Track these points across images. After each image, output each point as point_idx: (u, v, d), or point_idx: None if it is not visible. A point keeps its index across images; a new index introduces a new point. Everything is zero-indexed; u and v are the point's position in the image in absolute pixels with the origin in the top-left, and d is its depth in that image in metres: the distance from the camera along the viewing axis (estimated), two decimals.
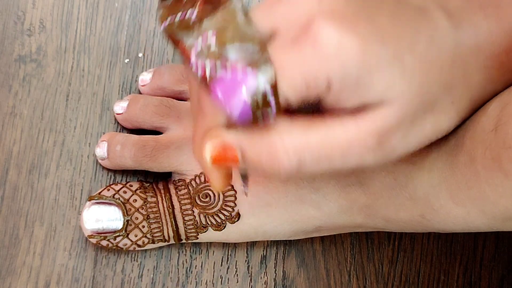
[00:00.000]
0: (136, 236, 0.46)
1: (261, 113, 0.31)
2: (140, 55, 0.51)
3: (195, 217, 0.45)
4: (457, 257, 0.51)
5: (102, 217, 0.45)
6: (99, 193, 0.46)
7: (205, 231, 0.46)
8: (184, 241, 0.47)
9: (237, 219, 0.45)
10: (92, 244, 0.48)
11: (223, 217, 0.45)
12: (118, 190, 0.46)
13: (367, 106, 0.33)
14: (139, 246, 0.46)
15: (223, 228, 0.45)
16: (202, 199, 0.45)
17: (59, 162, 0.49)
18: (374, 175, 0.42)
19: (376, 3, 0.33)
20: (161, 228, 0.46)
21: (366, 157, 0.33)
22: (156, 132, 0.48)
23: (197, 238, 0.46)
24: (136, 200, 0.46)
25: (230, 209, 0.45)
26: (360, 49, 0.31)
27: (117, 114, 0.48)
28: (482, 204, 0.36)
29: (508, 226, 0.36)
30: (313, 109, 0.34)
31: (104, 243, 0.46)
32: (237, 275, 0.49)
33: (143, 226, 0.45)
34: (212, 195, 0.45)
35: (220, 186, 0.36)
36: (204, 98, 0.33)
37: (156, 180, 0.48)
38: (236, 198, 0.45)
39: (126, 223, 0.45)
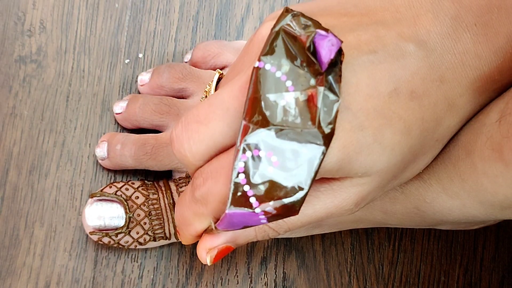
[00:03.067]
0: (137, 233, 0.46)
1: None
2: (140, 55, 0.51)
3: None
4: (457, 258, 0.51)
5: (104, 214, 0.45)
6: (101, 190, 0.46)
7: None
8: None
9: None
10: (92, 245, 0.48)
11: None
12: (120, 187, 0.46)
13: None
14: (140, 243, 0.46)
15: None
16: None
17: (59, 162, 0.49)
18: None
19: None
20: (163, 224, 0.46)
21: (343, 215, 0.35)
22: (156, 131, 0.48)
23: None
24: (138, 197, 0.46)
25: None
26: (339, 147, 0.32)
27: (117, 114, 0.49)
28: (478, 195, 0.36)
29: (507, 214, 0.36)
30: None
31: (105, 240, 0.46)
32: (237, 276, 0.49)
33: (145, 223, 0.45)
34: None
35: (189, 242, 0.37)
36: (193, 204, 0.34)
37: (157, 179, 0.48)
38: None
39: (128, 220, 0.45)
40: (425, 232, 0.51)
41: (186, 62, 0.50)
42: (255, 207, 0.30)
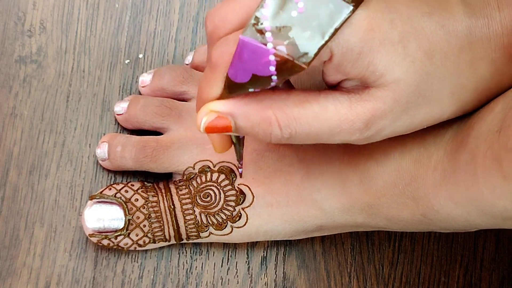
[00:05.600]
0: (137, 235, 0.46)
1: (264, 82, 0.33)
2: (141, 56, 0.51)
3: (196, 216, 0.45)
4: (457, 259, 0.51)
5: (103, 216, 0.45)
6: (101, 192, 0.46)
7: (206, 231, 0.46)
8: (185, 240, 0.47)
9: (238, 218, 0.45)
10: (92, 245, 0.48)
11: (224, 217, 0.45)
12: (120, 189, 0.46)
13: (362, 86, 0.34)
14: (140, 245, 0.46)
15: (224, 228, 0.45)
16: (203, 199, 0.45)
17: (60, 163, 0.49)
18: (377, 174, 0.42)
19: None
20: (162, 227, 0.46)
21: (352, 136, 0.35)
22: (156, 133, 0.48)
23: (198, 238, 0.46)
24: (137, 200, 0.46)
25: (231, 208, 0.45)
26: (367, 27, 0.32)
27: (118, 114, 0.49)
28: (481, 205, 0.36)
29: (509, 224, 0.36)
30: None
31: (105, 242, 0.46)
32: (237, 276, 0.49)
33: (144, 226, 0.45)
34: (213, 195, 0.45)
35: (219, 149, 0.39)
36: (208, 71, 0.35)
37: (156, 181, 0.48)
38: (236, 198, 0.45)
39: (127, 222, 0.45)
40: (425, 233, 0.51)
41: (187, 64, 0.50)
42: (269, 41, 0.31)
